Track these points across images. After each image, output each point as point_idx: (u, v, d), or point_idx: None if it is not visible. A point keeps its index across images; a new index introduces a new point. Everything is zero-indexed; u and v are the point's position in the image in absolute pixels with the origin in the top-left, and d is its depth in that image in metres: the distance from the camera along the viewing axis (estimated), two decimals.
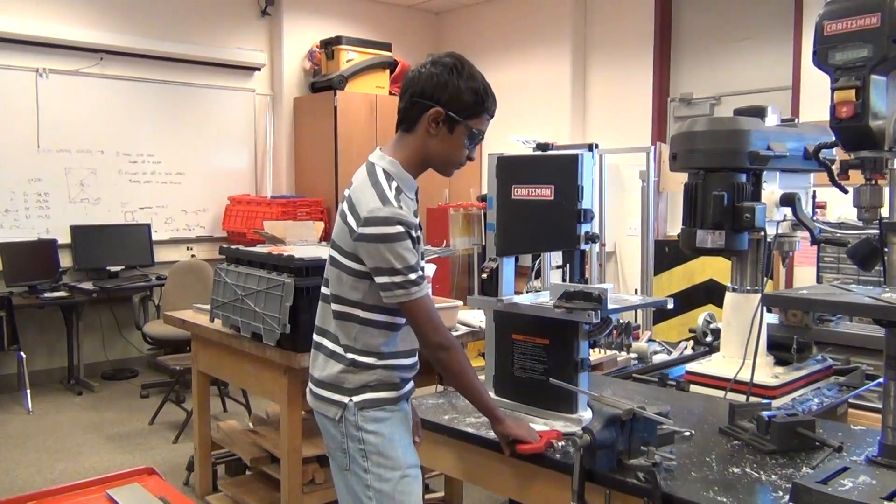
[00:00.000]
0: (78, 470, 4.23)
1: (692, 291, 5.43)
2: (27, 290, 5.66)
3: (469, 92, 1.82)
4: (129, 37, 6.30)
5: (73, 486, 1.64)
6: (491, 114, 1.89)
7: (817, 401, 2.29)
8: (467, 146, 1.87)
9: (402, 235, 1.76)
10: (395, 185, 1.83)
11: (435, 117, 1.82)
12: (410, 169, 1.89)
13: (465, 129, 1.83)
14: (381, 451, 1.85)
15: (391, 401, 1.89)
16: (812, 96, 5.38)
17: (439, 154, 1.87)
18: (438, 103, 1.81)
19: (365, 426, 1.86)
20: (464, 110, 1.82)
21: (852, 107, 1.65)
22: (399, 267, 1.77)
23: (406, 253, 1.77)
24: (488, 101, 1.86)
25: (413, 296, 1.79)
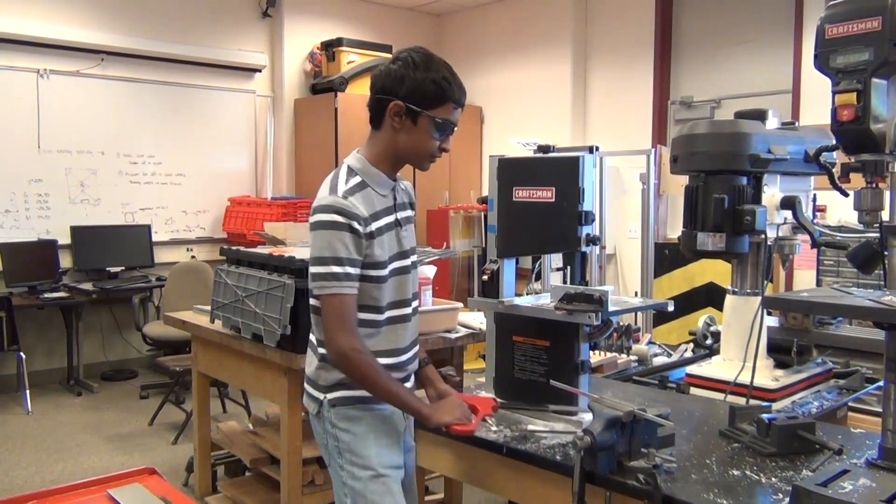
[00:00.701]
0: (77, 470, 4.23)
1: (692, 294, 5.43)
2: (27, 291, 5.66)
3: (428, 82, 1.81)
4: (130, 38, 6.31)
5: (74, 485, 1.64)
6: (458, 102, 1.85)
7: (817, 404, 2.29)
8: (437, 137, 1.85)
9: (338, 225, 1.75)
10: (356, 179, 1.84)
11: (396, 111, 1.82)
12: (381, 164, 1.88)
13: (428, 119, 1.82)
14: (352, 450, 1.86)
15: (366, 399, 1.88)
16: (812, 99, 5.39)
17: (408, 147, 1.86)
18: (398, 97, 1.81)
19: (338, 424, 1.87)
20: (424, 101, 1.81)
21: (853, 110, 1.66)
22: (323, 256, 1.76)
23: (337, 244, 1.75)
24: (450, 89, 1.83)
25: (326, 290, 1.77)
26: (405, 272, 1.94)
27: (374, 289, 1.85)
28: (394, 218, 1.90)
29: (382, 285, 1.86)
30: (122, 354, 6.50)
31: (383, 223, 1.86)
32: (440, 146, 1.87)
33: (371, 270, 1.83)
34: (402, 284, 1.92)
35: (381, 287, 1.86)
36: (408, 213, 2.00)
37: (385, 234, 1.86)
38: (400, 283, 1.92)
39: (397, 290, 1.91)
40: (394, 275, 1.89)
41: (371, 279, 1.84)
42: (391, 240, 1.89)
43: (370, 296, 1.85)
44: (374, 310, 1.86)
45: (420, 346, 2.10)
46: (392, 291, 1.90)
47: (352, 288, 1.78)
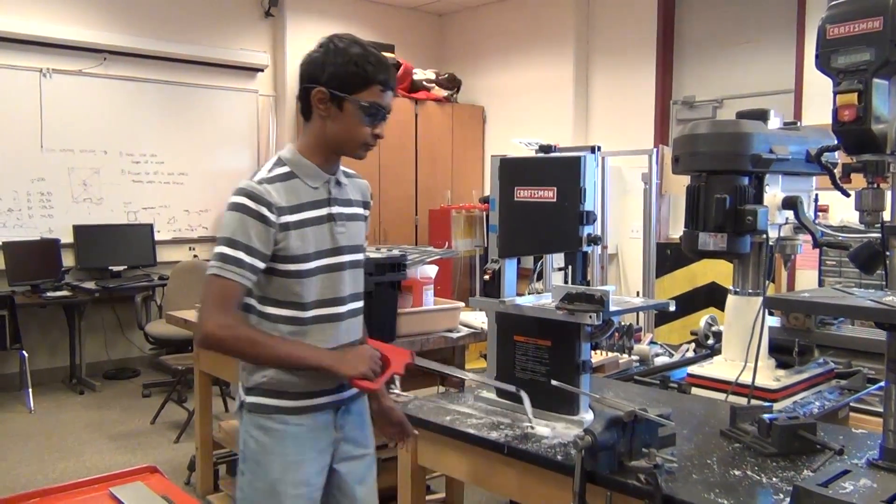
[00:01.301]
0: (79, 469, 4.23)
1: (694, 294, 5.43)
2: (30, 290, 5.67)
3: (349, 65, 1.73)
4: (133, 37, 6.32)
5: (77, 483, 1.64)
6: (384, 84, 1.76)
7: (818, 404, 2.29)
8: (366, 123, 1.76)
9: (246, 209, 1.70)
10: (282, 169, 1.78)
11: (320, 98, 1.76)
12: (314, 155, 1.81)
13: (354, 104, 1.74)
14: (256, 459, 1.80)
15: (283, 410, 1.80)
16: (814, 100, 5.39)
17: (337, 135, 1.78)
18: (319, 83, 1.75)
19: (250, 430, 1.82)
20: (346, 85, 1.73)
21: (854, 110, 1.66)
22: (222, 236, 1.71)
23: (236, 227, 1.70)
24: (372, 70, 1.73)
25: (211, 270, 1.71)
26: (338, 269, 1.84)
27: (294, 284, 1.77)
28: (326, 212, 1.82)
29: (304, 280, 1.77)
30: (125, 353, 6.51)
31: (307, 216, 1.78)
32: (372, 132, 1.78)
33: (289, 264, 1.76)
34: (332, 282, 1.83)
35: (302, 283, 1.77)
36: (352, 209, 1.91)
37: (309, 228, 1.78)
38: (330, 280, 1.82)
39: (327, 287, 1.82)
40: (323, 272, 1.81)
41: (290, 273, 1.76)
42: (320, 234, 1.80)
43: (291, 291, 1.78)
44: (298, 306, 1.78)
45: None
46: (319, 289, 1.80)
47: (237, 275, 1.69)
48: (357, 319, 1.92)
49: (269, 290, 1.78)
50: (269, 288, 1.78)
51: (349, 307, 1.88)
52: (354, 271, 1.90)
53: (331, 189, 1.84)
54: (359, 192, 1.96)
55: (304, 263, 1.77)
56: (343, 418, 1.90)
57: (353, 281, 1.89)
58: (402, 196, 7.29)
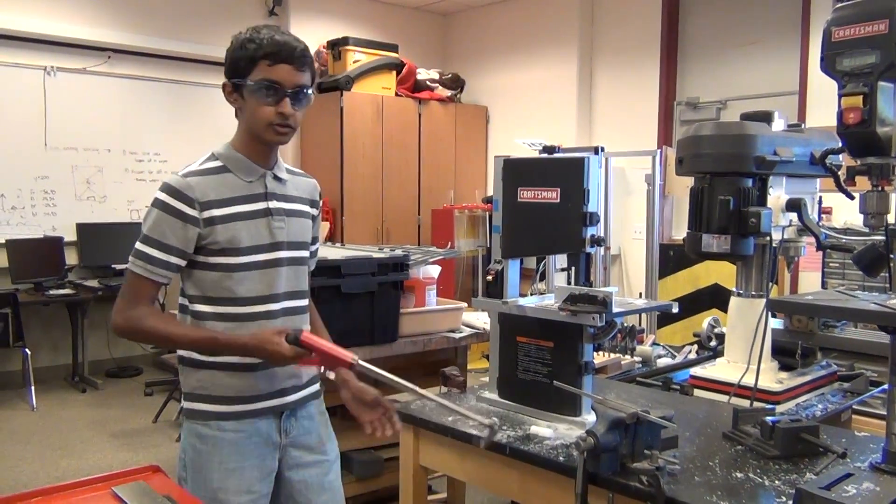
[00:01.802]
0: (82, 467, 4.24)
1: (697, 296, 5.42)
2: (33, 287, 5.68)
3: (234, 50, 1.74)
4: (137, 36, 6.33)
5: (79, 482, 1.64)
6: (272, 57, 1.70)
7: (821, 406, 2.29)
8: (265, 102, 1.71)
9: (159, 204, 1.71)
10: (214, 164, 1.79)
11: (228, 91, 1.78)
12: (244, 148, 1.80)
13: (248, 87, 1.72)
14: (195, 468, 1.78)
15: (220, 416, 1.77)
16: (818, 101, 5.38)
17: (249, 122, 1.76)
18: (225, 75, 1.78)
19: (188, 437, 1.80)
20: (237, 71, 1.73)
21: (859, 113, 1.65)
22: (142, 231, 1.73)
23: (151, 220, 1.71)
24: (254, 48, 1.70)
25: (128, 264, 1.73)
26: (273, 265, 1.80)
27: (224, 278, 1.74)
28: (262, 206, 1.78)
29: (234, 275, 1.74)
30: (127, 351, 6.52)
31: (239, 210, 1.75)
32: (277, 111, 1.72)
33: (217, 258, 1.74)
34: (267, 278, 1.79)
35: (232, 277, 1.74)
36: (294, 206, 1.87)
37: (241, 222, 1.75)
38: (265, 276, 1.78)
39: (260, 283, 1.77)
40: (257, 267, 1.77)
41: (218, 267, 1.74)
42: (254, 229, 1.76)
43: (221, 286, 1.75)
44: (230, 302, 1.75)
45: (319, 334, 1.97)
46: (253, 284, 1.76)
47: (147, 271, 1.70)
48: (296, 319, 1.86)
49: (200, 287, 1.77)
50: (199, 284, 1.76)
51: (283, 305, 1.83)
52: (294, 268, 1.85)
53: (267, 183, 1.82)
54: (303, 191, 1.93)
55: (233, 257, 1.74)
56: (288, 423, 1.86)
57: (291, 278, 1.85)
58: (404, 196, 7.29)
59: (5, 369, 5.87)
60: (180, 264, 1.74)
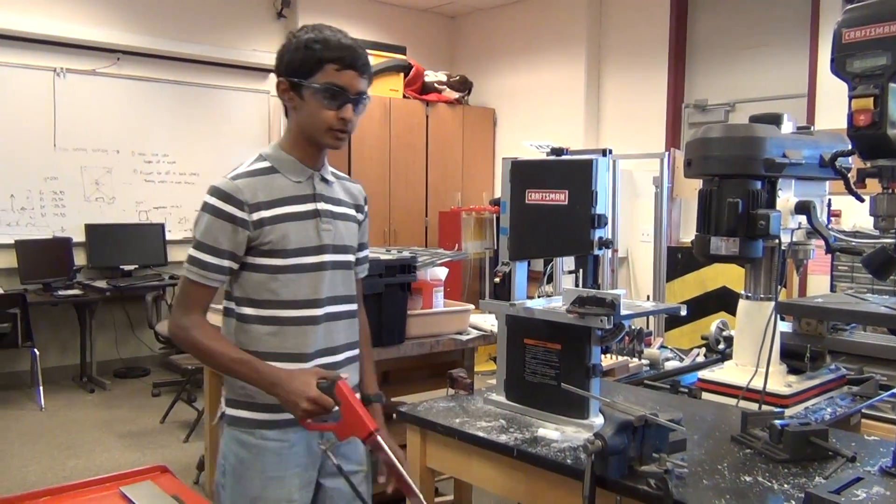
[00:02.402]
0: (89, 467, 4.25)
1: (705, 298, 5.41)
2: (41, 288, 5.71)
3: (298, 50, 1.70)
4: (146, 37, 6.36)
5: (87, 482, 1.65)
6: (340, 62, 1.68)
7: (830, 410, 2.28)
8: (327, 106, 1.69)
9: (209, 208, 1.70)
10: (262, 164, 1.77)
11: (283, 89, 1.74)
12: (294, 149, 1.78)
13: (309, 88, 1.69)
14: (236, 475, 1.76)
15: (263, 425, 1.75)
16: (828, 104, 5.36)
17: (304, 124, 1.73)
18: (280, 74, 1.74)
19: (230, 444, 1.77)
20: (299, 70, 1.69)
21: (870, 115, 1.64)
22: (194, 237, 1.72)
23: (202, 225, 1.70)
24: (322, 50, 1.68)
25: (183, 271, 1.73)
26: (318, 269, 1.77)
27: (269, 280, 1.72)
28: (311, 208, 1.76)
29: (280, 277, 1.72)
30: (135, 352, 6.54)
31: (288, 210, 1.73)
32: (338, 116, 1.70)
33: (265, 258, 1.72)
34: (311, 282, 1.76)
35: (278, 279, 1.72)
36: (342, 209, 1.85)
37: (290, 223, 1.73)
38: (308, 280, 1.75)
39: (305, 287, 1.75)
40: (302, 270, 1.74)
41: (265, 268, 1.72)
42: (302, 230, 1.74)
43: (266, 288, 1.73)
44: (273, 305, 1.73)
45: (372, 379, 1.96)
46: (297, 288, 1.74)
47: (200, 276, 1.70)
48: (340, 325, 1.84)
49: (245, 289, 1.75)
50: (245, 286, 1.75)
51: (326, 310, 1.80)
52: (338, 273, 1.83)
53: (315, 184, 1.80)
54: (349, 195, 1.92)
55: (280, 259, 1.72)
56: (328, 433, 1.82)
57: (335, 283, 1.82)
58: (412, 197, 7.30)
59: (14, 369, 5.90)
60: (233, 267, 1.73)
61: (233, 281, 1.77)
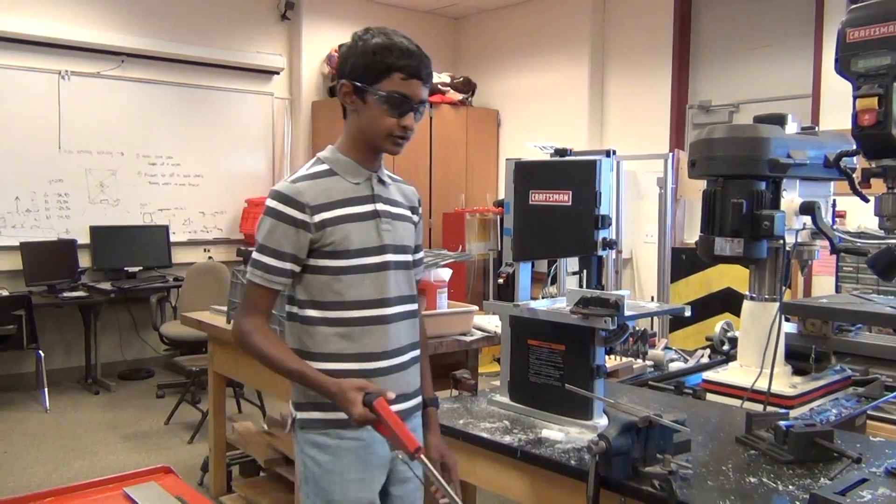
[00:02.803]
0: (94, 468, 4.26)
1: (709, 299, 5.39)
2: (46, 290, 5.72)
3: (366, 54, 1.69)
4: (150, 40, 6.37)
5: (91, 483, 1.65)
6: (406, 71, 1.68)
7: (836, 411, 2.27)
8: (390, 113, 1.69)
9: (272, 212, 1.69)
10: (321, 167, 1.76)
11: (345, 91, 1.73)
12: (351, 152, 1.78)
13: (374, 95, 1.68)
14: (317, 481, 1.73)
15: (337, 424, 1.70)
16: (832, 104, 5.35)
17: (364, 128, 1.73)
18: (343, 76, 1.73)
19: (306, 449, 1.75)
20: (366, 75, 1.69)
21: (875, 115, 1.64)
22: (257, 240, 1.72)
23: (265, 229, 1.70)
24: (390, 57, 1.67)
25: (247, 275, 1.72)
26: (383, 269, 1.76)
27: (333, 281, 1.72)
28: (370, 209, 1.76)
29: (344, 278, 1.71)
30: (139, 354, 6.55)
31: (349, 212, 1.73)
32: (400, 124, 1.71)
33: (328, 260, 1.71)
34: (378, 282, 1.75)
35: (342, 280, 1.71)
36: (399, 210, 1.85)
37: (352, 224, 1.72)
38: (374, 280, 1.75)
39: (370, 287, 1.74)
40: (366, 270, 1.74)
41: (328, 270, 1.71)
42: (364, 231, 1.74)
43: (331, 290, 1.72)
44: (339, 306, 1.72)
45: (429, 382, 1.95)
46: (362, 288, 1.73)
47: (264, 280, 1.69)
48: (407, 324, 1.83)
49: (309, 291, 1.74)
50: (308, 288, 1.73)
51: (396, 310, 1.80)
52: (401, 272, 1.82)
53: (373, 186, 1.80)
54: (405, 196, 1.92)
55: (343, 260, 1.71)
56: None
57: (401, 283, 1.82)
58: None
59: (19, 371, 5.91)
60: (295, 270, 1.72)
61: (295, 284, 1.75)
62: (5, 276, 5.77)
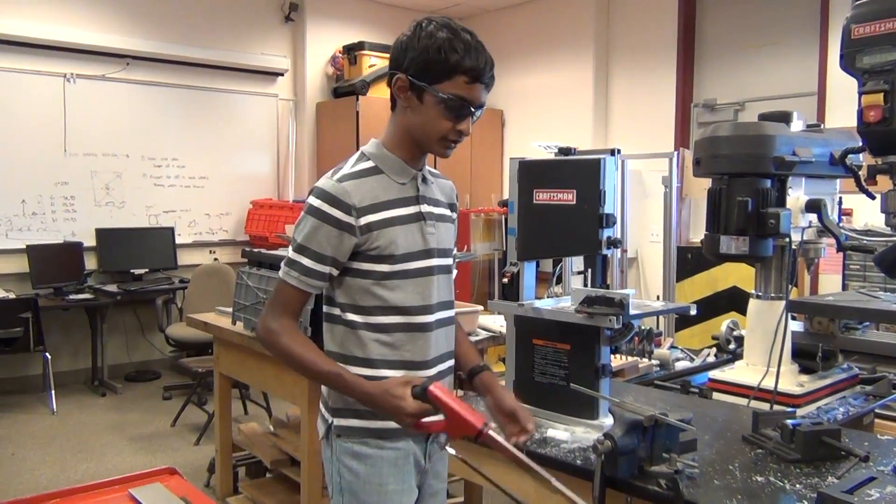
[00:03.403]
0: (100, 470, 4.27)
1: (715, 298, 5.38)
2: (53, 292, 5.74)
3: (431, 51, 1.56)
4: (155, 42, 6.38)
5: (96, 484, 1.65)
6: (472, 75, 1.57)
7: (843, 410, 2.26)
8: (447, 117, 1.58)
9: (315, 212, 1.59)
10: (366, 164, 1.66)
11: (400, 86, 1.60)
12: (397, 149, 1.67)
13: (433, 95, 1.56)
14: (354, 492, 1.65)
15: (377, 434, 1.65)
16: (838, 102, 5.33)
17: (417, 127, 1.62)
18: (400, 69, 1.60)
19: (343, 458, 1.66)
20: (428, 73, 1.56)
21: (880, 111, 1.63)
22: (294, 239, 1.62)
23: (306, 228, 1.59)
24: (457, 59, 1.55)
25: (280, 273, 1.63)
26: (426, 274, 1.68)
27: (376, 286, 1.63)
28: (416, 210, 1.67)
29: (388, 283, 1.63)
30: (146, 356, 6.57)
31: (395, 214, 1.63)
32: (455, 128, 1.60)
33: (373, 264, 1.62)
34: (420, 287, 1.67)
35: (385, 285, 1.63)
36: (440, 210, 1.76)
37: (398, 227, 1.63)
38: (417, 286, 1.67)
39: (414, 293, 1.66)
40: (410, 276, 1.65)
41: (372, 275, 1.63)
42: (409, 234, 1.65)
43: (373, 294, 1.63)
44: (382, 311, 1.64)
45: (471, 349, 1.90)
46: (406, 294, 1.65)
47: (300, 282, 1.60)
48: (447, 331, 1.77)
49: (351, 295, 1.65)
50: (350, 292, 1.65)
51: (437, 316, 1.72)
52: (443, 277, 1.75)
53: (419, 186, 1.70)
54: (444, 193, 1.82)
55: (387, 265, 1.63)
56: (432, 447, 1.76)
57: (443, 288, 1.74)
58: None
59: (26, 373, 5.93)
60: (334, 274, 1.63)
61: (335, 286, 1.67)
62: (12, 279, 5.79)
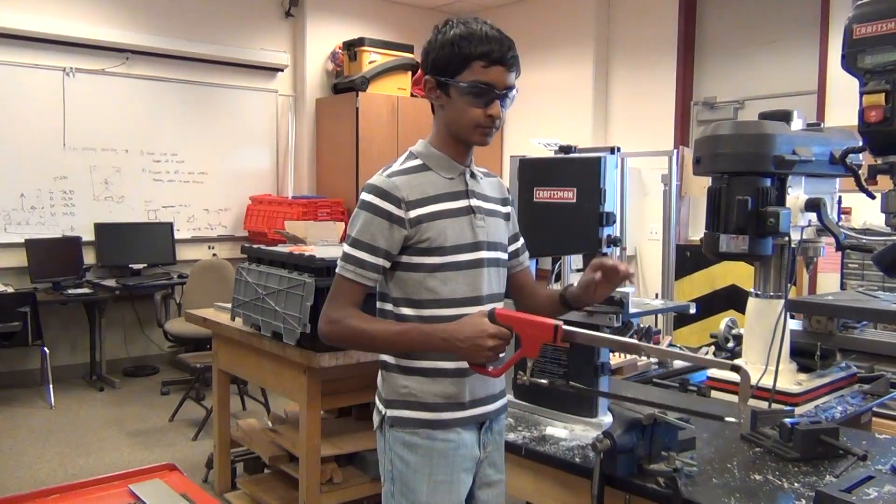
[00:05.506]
0: (99, 465, 4.27)
1: (714, 297, 5.38)
2: (51, 287, 5.73)
3: (444, 47, 1.65)
4: (155, 37, 6.37)
5: (96, 480, 1.65)
6: (487, 58, 1.63)
7: (841, 408, 2.26)
8: (474, 104, 1.65)
9: (368, 206, 1.66)
10: (415, 162, 1.73)
11: (429, 87, 1.70)
12: (443, 146, 1.74)
13: (456, 87, 1.64)
14: (404, 481, 1.69)
15: (428, 424, 1.69)
16: (838, 100, 5.32)
17: (452, 122, 1.69)
18: (426, 70, 1.70)
19: (395, 448, 1.71)
20: (447, 67, 1.65)
21: (881, 111, 1.63)
22: (350, 234, 1.68)
23: (359, 223, 1.66)
24: (469, 47, 1.63)
25: (338, 268, 1.68)
26: (477, 266, 1.72)
27: (428, 279, 1.67)
28: (465, 204, 1.72)
29: (438, 275, 1.67)
30: (144, 351, 6.57)
31: (443, 207, 1.69)
32: (486, 113, 1.65)
33: (423, 257, 1.67)
34: (471, 279, 1.71)
35: (436, 276, 1.67)
36: (491, 205, 1.80)
37: (447, 220, 1.68)
38: (468, 277, 1.70)
39: (464, 285, 1.70)
40: (460, 268, 1.69)
41: (422, 267, 1.67)
42: (458, 227, 1.70)
43: (426, 287, 1.68)
44: (434, 304, 1.68)
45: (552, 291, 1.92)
46: (456, 286, 1.69)
47: (356, 274, 1.65)
48: None
49: (403, 289, 1.70)
50: (402, 286, 1.70)
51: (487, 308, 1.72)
52: (494, 270, 1.78)
53: (467, 180, 1.76)
54: (495, 190, 1.87)
55: (437, 257, 1.68)
56: (486, 436, 1.78)
57: (493, 280, 1.77)
58: None
59: (24, 368, 5.92)
60: (386, 266, 1.68)
61: (388, 281, 1.72)
62: (10, 273, 5.78)
